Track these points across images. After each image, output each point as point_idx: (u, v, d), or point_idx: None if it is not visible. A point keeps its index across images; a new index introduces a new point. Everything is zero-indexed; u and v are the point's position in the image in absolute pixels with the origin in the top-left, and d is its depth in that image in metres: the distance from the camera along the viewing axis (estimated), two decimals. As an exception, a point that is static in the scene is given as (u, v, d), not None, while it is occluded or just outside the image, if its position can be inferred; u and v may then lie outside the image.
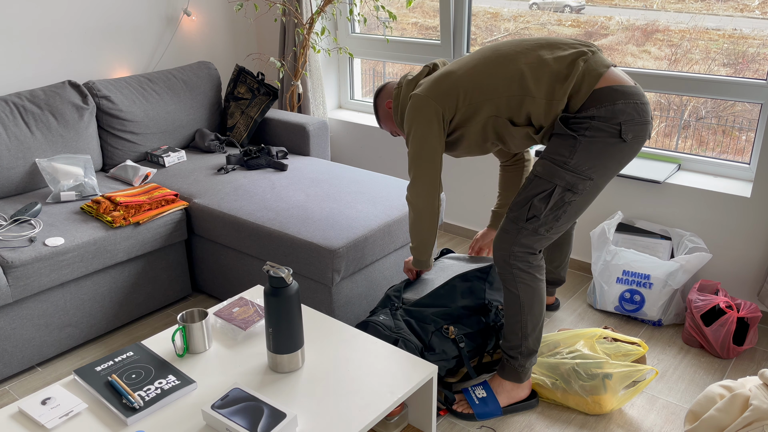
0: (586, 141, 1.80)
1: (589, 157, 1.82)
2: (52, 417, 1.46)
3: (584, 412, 2.08)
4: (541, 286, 1.97)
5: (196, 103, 3.26)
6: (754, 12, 2.51)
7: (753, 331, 2.35)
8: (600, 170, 1.84)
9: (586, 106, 1.81)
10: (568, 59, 1.83)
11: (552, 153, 1.86)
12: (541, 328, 2.03)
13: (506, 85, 1.86)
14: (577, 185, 1.84)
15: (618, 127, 1.79)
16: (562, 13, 3.02)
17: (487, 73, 1.90)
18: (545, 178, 1.86)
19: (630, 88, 1.82)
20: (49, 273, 2.26)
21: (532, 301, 1.97)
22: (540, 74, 1.83)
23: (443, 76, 1.96)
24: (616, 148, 1.82)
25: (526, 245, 1.92)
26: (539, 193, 1.87)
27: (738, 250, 2.57)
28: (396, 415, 1.75)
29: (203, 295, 2.89)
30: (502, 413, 2.09)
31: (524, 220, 1.90)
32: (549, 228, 1.90)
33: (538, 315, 1.99)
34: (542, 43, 1.92)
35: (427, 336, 2.09)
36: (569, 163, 1.82)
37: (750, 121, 2.62)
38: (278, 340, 1.57)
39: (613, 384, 2.02)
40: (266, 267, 1.54)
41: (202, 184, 2.80)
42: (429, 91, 1.94)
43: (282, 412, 1.42)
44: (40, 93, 2.78)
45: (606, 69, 1.83)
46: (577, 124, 1.82)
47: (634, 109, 1.80)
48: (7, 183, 2.65)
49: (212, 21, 3.60)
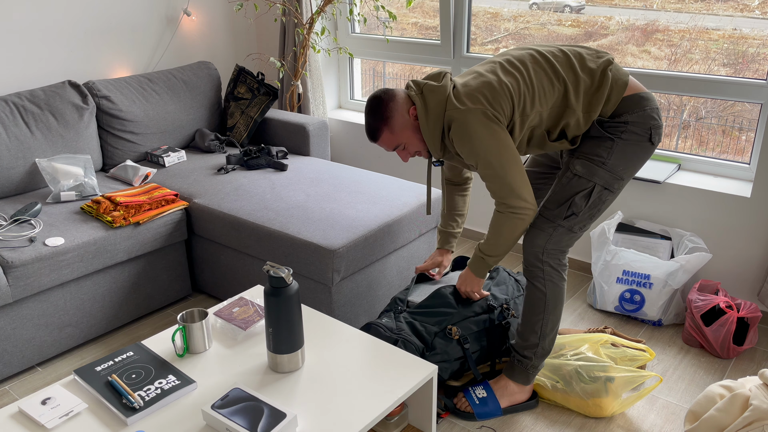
0: (623, 143, 1.90)
1: (624, 158, 1.92)
2: (52, 417, 1.46)
3: (584, 414, 2.08)
4: (564, 286, 2.03)
5: (196, 103, 3.26)
6: (754, 12, 2.51)
7: (753, 331, 2.35)
8: (630, 170, 1.95)
9: (618, 112, 1.91)
10: (598, 71, 1.90)
11: (590, 153, 1.93)
12: (557, 332, 2.07)
13: (552, 101, 1.90)
14: (613, 184, 1.94)
15: (649, 132, 1.90)
16: (562, 13, 3.02)
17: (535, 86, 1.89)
18: (585, 177, 1.93)
19: (650, 95, 1.94)
20: (49, 273, 2.26)
21: (557, 301, 2.02)
22: (578, 89, 1.89)
23: (489, 86, 1.87)
24: (646, 150, 1.93)
25: (560, 243, 1.98)
26: (580, 191, 1.93)
27: (738, 250, 2.57)
28: (396, 415, 1.75)
29: (203, 295, 2.89)
30: (502, 413, 2.09)
31: (562, 218, 1.95)
32: (582, 226, 1.98)
33: (558, 316, 2.03)
34: (571, 52, 1.94)
35: (430, 337, 2.08)
36: (607, 163, 1.92)
37: (750, 121, 2.62)
38: (278, 340, 1.57)
39: (615, 388, 2.01)
40: (266, 267, 1.54)
41: (202, 184, 2.80)
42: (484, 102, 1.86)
43: (282, 412, 1.42)
44: (40, 93, 2.78)
45: (627, 77, 1.92)
46: (614, 128, 1.91)
47: (657, 114, 1.92)
48: (7, 183, 2.65)
49: (212, 21, 3.60)
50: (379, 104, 1.97)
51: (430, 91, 1.93)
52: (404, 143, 2.00)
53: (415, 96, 1.94)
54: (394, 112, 1.96)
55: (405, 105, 1.96)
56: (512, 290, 2.30)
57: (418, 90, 1.95)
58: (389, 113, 1.96)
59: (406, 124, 1.97)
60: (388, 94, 1.98)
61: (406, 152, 2.03)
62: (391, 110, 1.96)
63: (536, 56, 1.93)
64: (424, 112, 1.93)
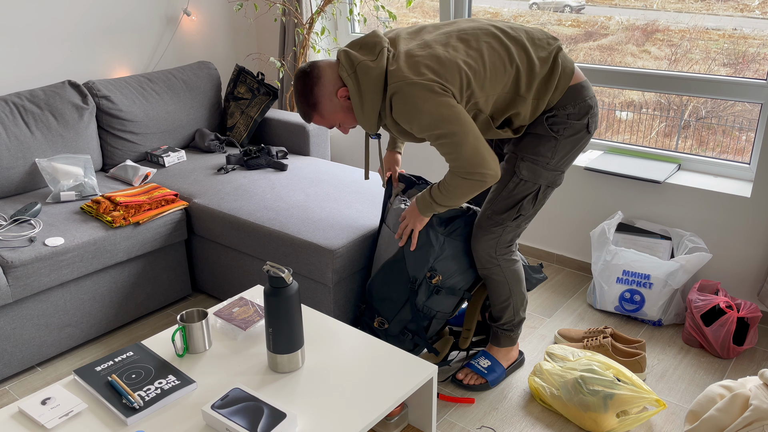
0: (564, 140, 1.91)
1: (566, 154, 1.95)
2: (52, 417, 1.46)
3: (580, 427, 2.03)
4: (519, 264, 2.12)
5: (196, 103, 3.26)
6: (754, 12, 2.50)
7: (753, 331, 2.35)
8: (570, 162, 1.99)
9: (561, 103, 1.89)
10: (550, 58, 1.87)
11: (534, 154, 1.93)
12: (527, 298, 2.19)
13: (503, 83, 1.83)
14: (556, 181, 1.99)
15: (586, 122, 1.92)
16: (562, 13, 3.02)
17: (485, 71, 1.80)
18: (531, 180, 1.96)
19: (588, 83, 1.94)
20: (49, 273, 2.26)
21: (517, 279, 2.12)
22: (531, 76, 1.84)
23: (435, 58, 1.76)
24: (584, 141, 1.96)
25: (510, 240, 2.06)
26: (528, 194, 1.97)
27: (738, 250, 2.57)
28: (396, 415, 1.75)
29: (203, 295, 2.89)
30: (506, 375, 2.26)
31: (511, 219, 2.01)
32: (528, 220, 2.05)
33: (523, 288, 2.16)
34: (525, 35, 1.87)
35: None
36: (551, 162, 1.94)
37: (750, 121, 2.62)
38: (278, 340, 1.57)
39: (615, 405, 1.94)
40: (266, 267, 1.54)
41: (202, 184, 2.80)
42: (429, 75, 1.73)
43: (282, 412, 1.42)
44: (40, 93, 2.78)
45: (573, 65, 1.91)
46: (557, 124, 1.90)
47: (594, 102, 1.93)
48: (7, 183, 2.65)
49: (212, 21, 3.60)
50: (305, 88, 1.84)
51: (365, 72, 1.78)
52: (338, 123, 1.92)
53: (347, 77, 1.80)
54: (320, 98, 1.84)
55: (333, 87, 1.83)
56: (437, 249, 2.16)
57: (351, 69, 1.80)
58: (315, 99, 1.84)
59: (335, 107, 1.86)
60: (313, 74, 1.83)
61: (343, 128, 1.96)
62: (317, 96, 1.84)
63: (491, 34, 1.83)
64: (357, 94, 1.80)
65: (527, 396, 2.18)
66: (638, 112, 2.92)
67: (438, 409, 2.14)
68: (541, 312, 2.68)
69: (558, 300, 2.77)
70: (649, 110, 2.89)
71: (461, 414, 2.10)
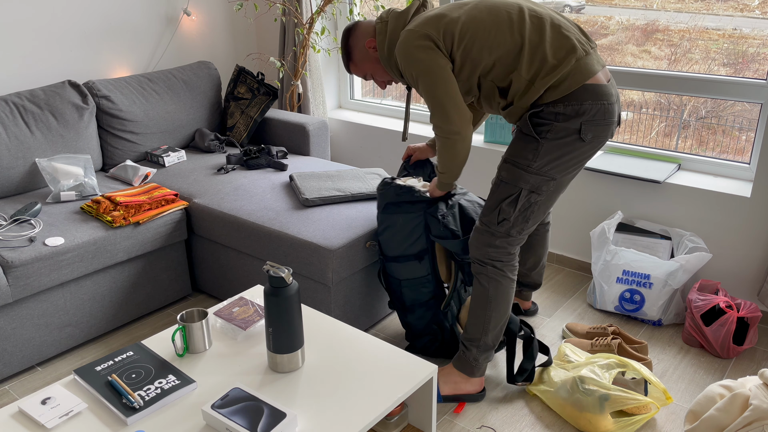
0: (548, 143, 1.85)
1: (551, 158, 1.86)
2: (52, 417, 1.46)
3: (576, 427, 2.02)
4: (510, 285, 2.02)
5: (196, 103, 3.26)
6: (754, 12, 2.51)
7: (753, 331, 2.35)
8: (562, 169, 1.89)
9: (556, 101, 1.83)
10: (563, 52, 1.81)
11: (515, 156, 1.90)
12: (503, 328, 2.06)
13: (504, 51, 1.83)
14: (541, 187, 1.90)
15: (578, 127, 1.82)
16: (562, 13, 3.02)
17: (488, 29, 1.83)
18: (510, 182, 1.91)
19: (602, 87, 1.83)
20: (49, 273, 2.27)
21: (500, 299, 2.01)
22: (534, 56, 1.82)
23: (439, 17, 1.87)
24: (575, 147, 1.86)
25: (501, 247, 1.98)
26: (506, 197, 1.92)
27: (738, 250, 2.57)
28: (396, 415, 1.75)
29: (203, 295, 2.89)
30: (442, 401, 2.12)
31: (495, 224, 1.95)
32: (520, 230, 1.96)
33: (503, 313, 2.03)
34: (550, 20, 1.86)
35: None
36: (532, 166, 1.87)
37: (750, 121, 2.63)
38: (278, 340, 1.57)
39: (610, 406, 1.93)
40: (266, 267, 1.54)
41: (202, 184, 2.80)
42: (424, 27, 1.85)
43: (282, 412, 1.42)
44: (40, 93, 2.78)
45: (593, 74, 1.82)
46: (540, 126, 1.85)
47: (599, 110, 1.82)
48: (7, 183, 2.65)
49: (212, 21, 3.60)
50: (344, 39, 2.08)
51: (395, 17, 1.97)
52: (369, 73, 2.11)
53: (380, 24, 1.99)
54: (353, 48, 2.07)
55: (363, 38, 2.04)
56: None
57: (385, 17, 1.99)
58: (349, 48, 2.08)
59: (365, 56, 2.07)
60: (353, 27, 2.08)
61: (377, 81, 2.12)
62: (350, 46, 2.08)
63: (515, 5, 1.87)
64: (384, 40, 1.98)
65: (527, 396, 2.18)
66: (638, 111, 2.92)
67: (438, 408, 2.14)
68: (541, 312, 2.68)
69: (558, 300, 2.77)
70: (649, 110, 2.89)
71: (461, 414, 2.10)
